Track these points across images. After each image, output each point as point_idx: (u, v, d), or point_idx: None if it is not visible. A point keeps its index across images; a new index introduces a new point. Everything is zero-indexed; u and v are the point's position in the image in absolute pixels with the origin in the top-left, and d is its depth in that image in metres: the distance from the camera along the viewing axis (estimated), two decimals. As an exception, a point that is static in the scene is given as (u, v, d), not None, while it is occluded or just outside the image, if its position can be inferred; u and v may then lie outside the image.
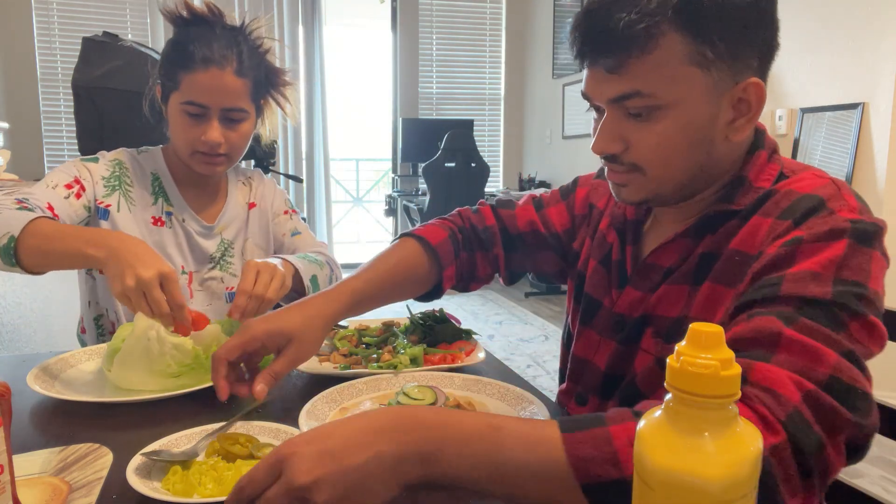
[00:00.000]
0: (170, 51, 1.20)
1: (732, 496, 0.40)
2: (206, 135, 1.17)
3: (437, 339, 1.10)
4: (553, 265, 1.06)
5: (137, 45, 1.92)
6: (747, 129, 0.76)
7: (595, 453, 0.53)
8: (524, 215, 1.06)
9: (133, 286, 0.87)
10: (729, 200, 0.77)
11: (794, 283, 0.63)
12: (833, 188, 0.72)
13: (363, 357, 1.04)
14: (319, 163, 5.59)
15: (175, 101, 1.18)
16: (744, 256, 0.73)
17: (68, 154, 4.92)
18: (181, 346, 0.94)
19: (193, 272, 1.29)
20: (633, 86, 0.72)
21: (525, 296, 5.02)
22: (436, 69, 5.84)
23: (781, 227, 0.70)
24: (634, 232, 0.90)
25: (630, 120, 0.75)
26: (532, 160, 5.92)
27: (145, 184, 1.28)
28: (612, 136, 0.76)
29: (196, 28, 1.19)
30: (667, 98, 0.72)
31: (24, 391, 0.90)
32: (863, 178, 2.79)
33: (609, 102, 0.75)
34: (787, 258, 0.66)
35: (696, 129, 0.74)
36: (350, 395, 0.89)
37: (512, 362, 3.43)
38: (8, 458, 0.55)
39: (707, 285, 0.76)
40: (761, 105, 0.74)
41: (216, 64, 1.15)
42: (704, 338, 0.41)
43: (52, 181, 1.17)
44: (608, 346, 0.89)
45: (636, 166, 0.77)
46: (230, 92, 1.18)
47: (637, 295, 0.85)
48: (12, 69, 4.74)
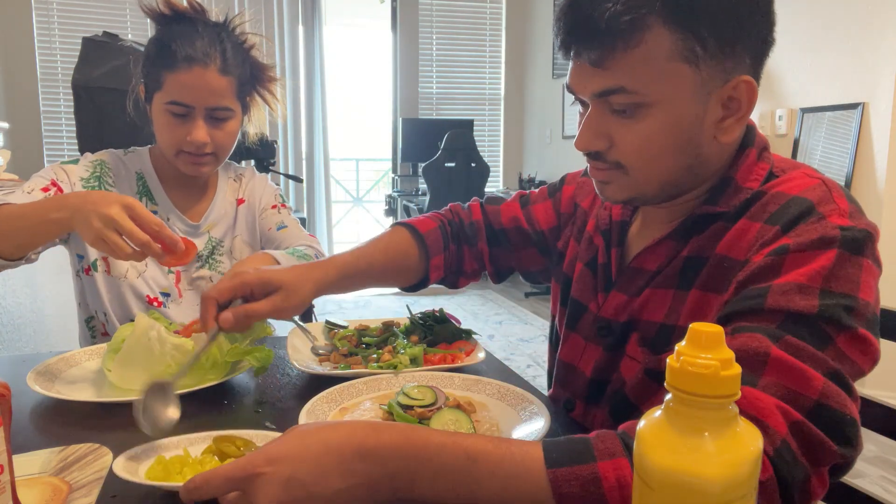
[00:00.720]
0: (152, 49, 1.18)
1: (732, 496, 0.40)
2: (191, 135, 1.16)
3: (437, 339, 1.10)
4: (537, 263, 1.05)
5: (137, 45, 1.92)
6: (737, 130, 0.73)
7: (582, 494, 0.52)
8: (508, 211, 1.05)
9: (102, 226, 0.88)
10: (714, 202, 0.75)
11: (780, 295, 0.61)
12: (823, 189, 0.69)
13: (363, 357, 1.04)
14: (319, 163, 5.59)
15: (159, 100, 1.17)
16: (731, 262, 0.71)
17: (68, 154, 4.92)
18: (181, 346, 0.94)
19: (181, 272, 1.28)
20: (618, 81, 0.69)
21: (525, 296, 5.02)
22: (436, 69, 5.84)
23: (769, 232, 0.67)
24: (619, 234, 0.89)
25: (615, 116, 0.72)
26: (532, 160, 5.92)
27: (129, 183, 1.27)
28: (595, 133, 0.73)
29: (178, 25, 1.17)
30: (652, 96, 0.69)
31: (24, 391, 0.90)
32: (863, 178, 2.79)
33: (593, 97, 0.72)
34: (774, 268, 0.64)
35: (682, 129, 0.70)
36: (350, 395, 0.89)
37: (512, 362, 3.43)
38: (8, 458, 0.55)
39: (695, 293, 0.74)
40: (752, 104, 0.71)
41: (199, 62, 1.13)
42: (704, 338, 0.40)
43: (30, 186, 1.17)
44: (594, 352, 0.88)
45: (619, 164, 0.74)
46: (214, 91, 1.15)
47: (623, 299, 0.83)
48: (12, 69, 4.73)
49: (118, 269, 1.23)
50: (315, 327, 1.19)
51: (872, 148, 2.75)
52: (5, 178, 2.32)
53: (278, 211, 1.38)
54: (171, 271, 1.26)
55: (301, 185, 5.49)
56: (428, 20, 5.76)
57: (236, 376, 0.97)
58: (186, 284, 1.29)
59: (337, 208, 6.36)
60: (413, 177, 5.79)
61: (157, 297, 1.25)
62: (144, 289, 1.24)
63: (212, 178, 1.35)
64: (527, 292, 5.06)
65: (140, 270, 1.24)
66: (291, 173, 5.41)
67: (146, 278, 1.24)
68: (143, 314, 0.97)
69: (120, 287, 1.22)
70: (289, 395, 0.95)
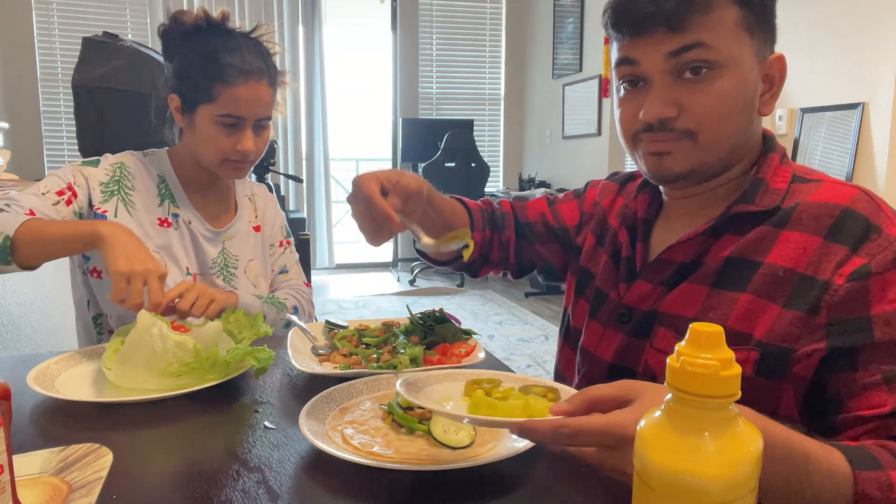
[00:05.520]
0: (197, 62, 1.19)
1: (732, 496, 0.40)
2: (241, 144, 1.21)
3: (437, 339, 1.10)
4: (558, 258, 1.10)
5: (137, 45, 1.92)
6: (772, 104, 0.80)
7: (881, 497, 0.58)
8: (536, 207, 1.12)
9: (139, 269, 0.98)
10: (749, 201, 0.78)
11: (886, 327, 0.67)
12: (864, 196, 0.75)
13: (363, 357, 1.04)
14: (319, 163, 5.59)
15: (207, 112, 1.19)
16: (789, 273, 0.73)
17: (68, 154, 4.93)
18: (183, 344, 0.94)
19: (198, 275, 1.29)
20: (698, 37, 0.74)
21: (525, 296, 5.02)
22: (436, 69, 5.84)
23: (837, 252, 0.71)
24: (644, 230, 0.92)
25: (684, 84, 0.76)
26: (532, 160, 5.92)
27: (150, 186, 1.28)
28: (665, 101, 0.77)
29: (219, 38, 1.20)
30: (725, 54, 0.75)
31: (24, 391, 0.90)
32: (863, 178, 2.79)
33: (668, 58, 0.76)
34: (862, 292, 0.68)
35: (746, 91, 0.77)
36: (350, 395, 0.89)
37: (512, 362, 3.43)
38: (8, 458, 0.55)
39: (747, 297, 0.75)
40: (783, 80, 0.79)
41: (254, 76, 1.19)
42: (704, 338, 0.41)
43: (45, 187, 1.17)
44: (613, 338, 0.90)
45: (689, 132, 0.77)
46: (264, 103, 1.22)
47: (647, 288, 0.86)
48: (12, 69, 4.74)
49: None
50: (315, 327, 1.19)
51: (872, 148, 2.76)
52: (5, 178, 2.32)
53: (283, 250, 1.46)
54: (188, 273, 1.27)
55: (301, 185, 5.50)
56: (428, 20, 5.76)
57: (236, 376, 0.97)
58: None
59: (337, 208, 6.36)
60: (413, 177, 5.79)
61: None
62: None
63: (229, 187, 1.38)
64: (527, 292, 5.06)
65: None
66: (291, 173, 5.41)
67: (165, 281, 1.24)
68: (144, 312, 0.97)
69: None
70: (289, 395, 0.95)
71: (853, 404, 0.68)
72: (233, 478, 0.69)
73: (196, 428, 0.84)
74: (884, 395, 0.66)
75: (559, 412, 0.57)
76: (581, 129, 4.99)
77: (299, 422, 0.76)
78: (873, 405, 0.66)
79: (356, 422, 0.80)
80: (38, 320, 2.06)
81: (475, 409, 0.64)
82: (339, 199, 6.91)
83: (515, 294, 5.09)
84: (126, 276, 0.97)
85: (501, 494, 0.67)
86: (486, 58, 5.94)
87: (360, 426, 0.79)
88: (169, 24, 1.23)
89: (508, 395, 0.68)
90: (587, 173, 4.89)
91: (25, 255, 1.04)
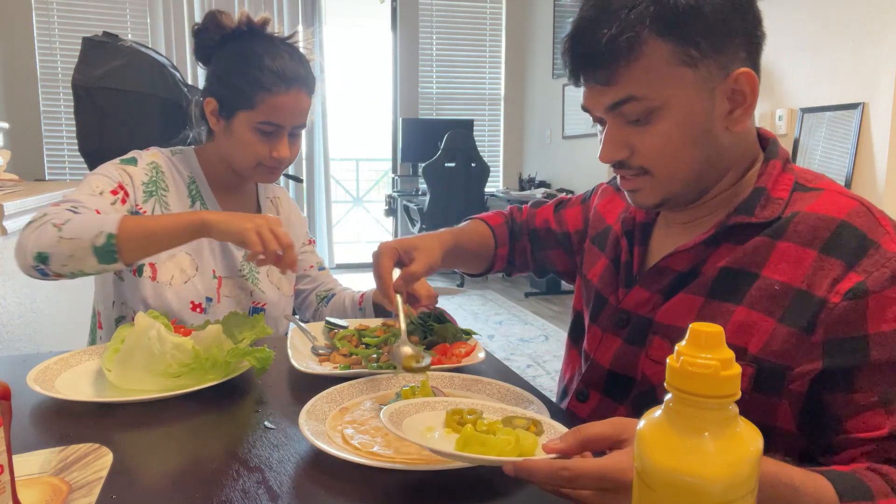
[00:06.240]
0: (244, 69, 1.18)
1: (732, 496, 0.40)
2: (277, 151, 1.21)
3: (437, 339, 1.10)
4: (563, 263, 1.13)
5: (137, 45, 1.91)
6: (746, 119, 0.77)
7: None
8: (542, 214, 1.16)
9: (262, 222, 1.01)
10: (749, 212, 0.78)
11: (883, 348, 0.66)
12: (864, 211, 0.73)
13: (363, 357, 1.04)
14: (319, 163, 5.59)
15: (247, 118, 1.18)
16: (785, 287, 0.73)
17: (68, 154, 4.93)
18: (182, 345, 0.94)
19: (224, 278, 1.27)
20: (627, 91, 0.74)
21: (525, 296, 5.02)
22: (436, 69, 5.84)
23: (833, 267, 0.70)
24: (643, 235, 0.92)
25: (631, 126, 0.77)
26: (532, 160, 5.92)
27: (181, 187, 1.27)
28: (616, 144, 0.79)
29: (260, 45, 1.19)
30: (659, 99, 0.74)
31: (24, 391, 0.90)
32: (863, 178, 2.79)
33: (607, 111, 0.78)
34: (859, 311, 0.68)
35: (695, 123, 0.75)
36: (350, 395, 0.89)
37: (512, 362, 3.43)
38: (8, 458, 0.55)
39: (742, 310, 0.75)
40: (755, 94, 0.76)
41: (296, 85, 1.19)
42: (704, 338, 0.41)
43: (98, 187, 1.16)
44: (612, 343, 0.90)
45: (644, 169, 0.79)
46: (303, 111, 1.23)
47: (645, 295, 0.86)
48: (12, 69, 4.74)
49: (164, 276, 1.21)
50: (315, 327, 1.19)
51: (872, 148, 2.76)
52: (5, 178, 2.32)
53: (313, 249, 1.49)
54: (214, 276, 1.26)
55: (301, 185, 5.49)
56: (428, 20, 5.76)
57: (236, 376, 0.97)
58: (227, 291, 1.27)
59: (337, 208, 6.36)
60: (413, 177, 5.79)
61: (202, 302, 1.24)
62: (191, 294, 1.22)
63: (252, 189, 1.39)
64: (527, 292, 5.06)
65: (189, 275, 1.23)
66: (291, 173, 5.40)
67: (195, 283, 1.23)
68: (142, 314, 0.97)
69: (165, 292, 1.20)
70: (289, 395, 0.95)
71: (850, 425, 0.68)
72: (233, 478, 0.69)
73: (196, 428, 0.84)
74: (881, 418, 0.66)
75: (553, 450, 0.58)
76: (581, 129, 5.00)
77: (299, 422, 0.76)
78: (870, 427, 0.66)
79: (356, 422, 0.80)
80: (38, 320, 2.06)
81: (465, 445, 0.64)
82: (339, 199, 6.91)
83: (515, 294, 5.09)
84: (254, 230, 1.00)
85: (501, 494, 0.67)
86: (486, 58, 5.94)
87: (360, 426, 0.79)
88: (205, 24, 1.21)
89: (494, 428, 0.68)
90: (587, 173, 4.89)
91: (131, 252, 1.03)
